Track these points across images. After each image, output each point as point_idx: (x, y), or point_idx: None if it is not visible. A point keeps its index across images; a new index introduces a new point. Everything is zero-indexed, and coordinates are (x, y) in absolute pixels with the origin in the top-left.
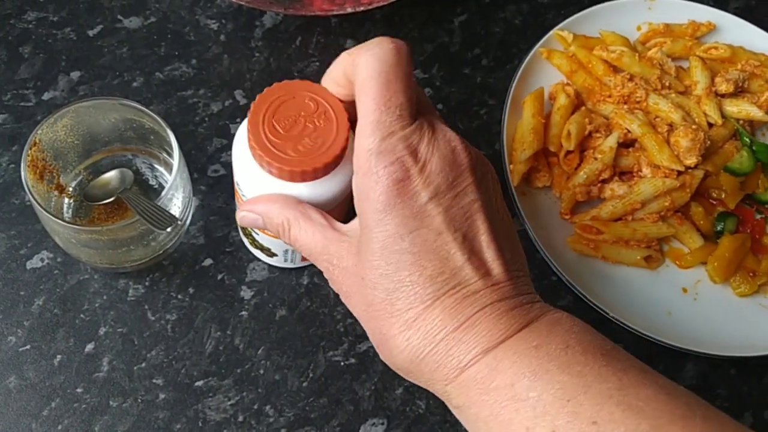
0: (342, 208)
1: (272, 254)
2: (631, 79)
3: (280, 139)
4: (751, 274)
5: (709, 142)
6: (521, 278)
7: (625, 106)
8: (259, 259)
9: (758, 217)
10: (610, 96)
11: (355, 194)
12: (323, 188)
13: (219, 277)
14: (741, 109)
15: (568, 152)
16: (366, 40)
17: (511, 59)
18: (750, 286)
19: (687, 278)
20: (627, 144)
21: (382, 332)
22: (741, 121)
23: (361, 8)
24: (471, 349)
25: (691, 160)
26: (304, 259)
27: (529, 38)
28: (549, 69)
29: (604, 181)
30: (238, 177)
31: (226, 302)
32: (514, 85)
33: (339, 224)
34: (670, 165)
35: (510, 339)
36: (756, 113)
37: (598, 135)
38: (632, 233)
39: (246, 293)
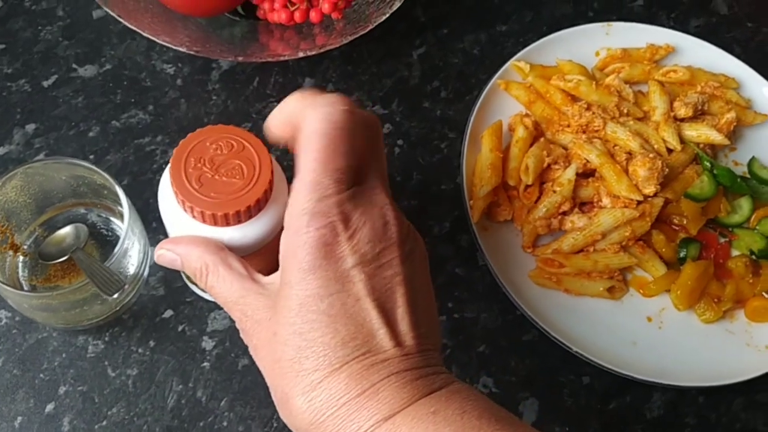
0: (267, 254)
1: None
2: (588, 108)
3: (202, 182)
4: (715, 300)
5: (667, 170)
6: (431, 352)
7: (584, 136)
8: (220, 308)
9: (722, 240)
10: (569, 125)
11: (281, 249)
12: (248, 232)
13: (180, 328)
14: (700, 133)
15: (528, 185)
16: (324, 78)
17: (470, 90)
18: (715, 313)
19: (652, 307)
20: (587, 173)
21: (285, 391)
22: (701, 145)
23: (314, 52)
24: (372, 415)
25: (649, 189)
26: None
27: (488, 68)
28: (508, 99)
29: (565, 213)
30: (164, 220)
31: (187, 354)
32: (472, 119)
33: (258, 276)
34: (629, 195)
35: (410, 406)
36: (715, 137)
37: (557, 167)
38: (594, 265)
39: (207, 344)
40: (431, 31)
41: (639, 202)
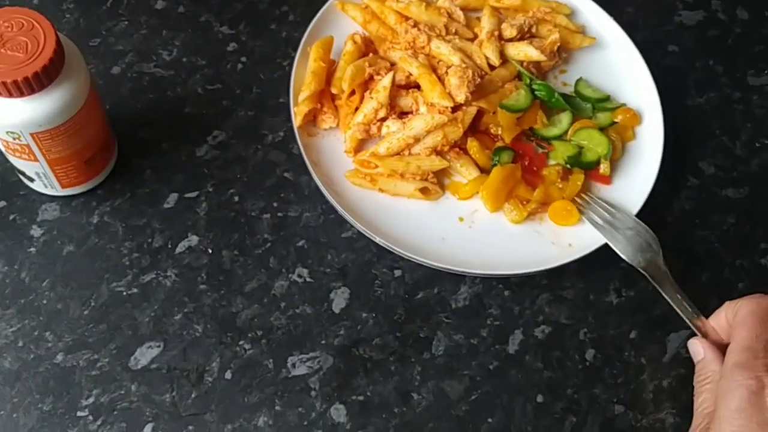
0: (74, 133)
1: (30, 178)
2: (414, 26)
3: None
4: (524, 203)
5: (479, 80)
6: None
7: (410, 51)
8: (52, 201)
9: (540, 151)
10: (399, 43)
11: (717, 394)
12: (39, 105)
13: (11, 217)
14: (520, 51)
15: (351, 94)
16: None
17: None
18: (520, 213)
19: (465, 209)
20: (410, 86)
21: None
22: (525, 64)
23: None
24: None
25: (460, 97)
26: (64, 186)
27: None
28: (346, 20)
29: (384, 120)
30: None
31: (15, 240)
32: (306, 34)
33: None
34: (441, 101)
35: None
36: (533, 53)
37: (379, 78)
38: (406, 166)
39: (36, 231)
40: None
41: (454, 110)
